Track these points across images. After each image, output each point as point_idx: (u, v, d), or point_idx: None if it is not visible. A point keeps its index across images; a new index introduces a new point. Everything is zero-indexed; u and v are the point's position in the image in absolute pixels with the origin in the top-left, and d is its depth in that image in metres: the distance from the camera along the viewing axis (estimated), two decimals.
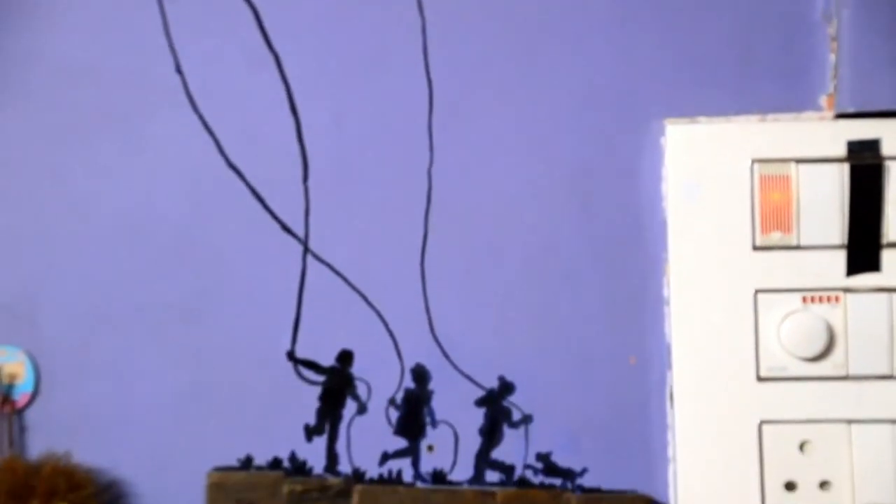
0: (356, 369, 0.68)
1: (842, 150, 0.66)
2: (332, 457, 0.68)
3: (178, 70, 0.69)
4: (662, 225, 0.68)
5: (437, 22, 0.69)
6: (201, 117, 0.69)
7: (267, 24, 0.69)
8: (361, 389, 0.68)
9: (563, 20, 0.68)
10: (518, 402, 0.68)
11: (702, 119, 0.68)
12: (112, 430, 0.68)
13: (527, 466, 0.68)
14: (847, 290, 0.66)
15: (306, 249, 0.69)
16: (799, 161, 0.66)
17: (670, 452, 0.67)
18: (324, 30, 0.69)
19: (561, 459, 0.68)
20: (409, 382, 0.68)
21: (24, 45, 0.69)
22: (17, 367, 0.68)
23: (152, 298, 0.69)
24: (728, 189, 0.67)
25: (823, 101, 0.67)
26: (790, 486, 0.66)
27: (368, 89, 0.69)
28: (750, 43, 0.68)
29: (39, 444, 0.68)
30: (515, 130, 0.68)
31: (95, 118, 0.69)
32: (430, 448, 0.68)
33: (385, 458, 0.68)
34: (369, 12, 0.69)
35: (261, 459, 0.68)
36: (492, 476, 0.68)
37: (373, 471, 0.68)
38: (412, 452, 0.68)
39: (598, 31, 0.68)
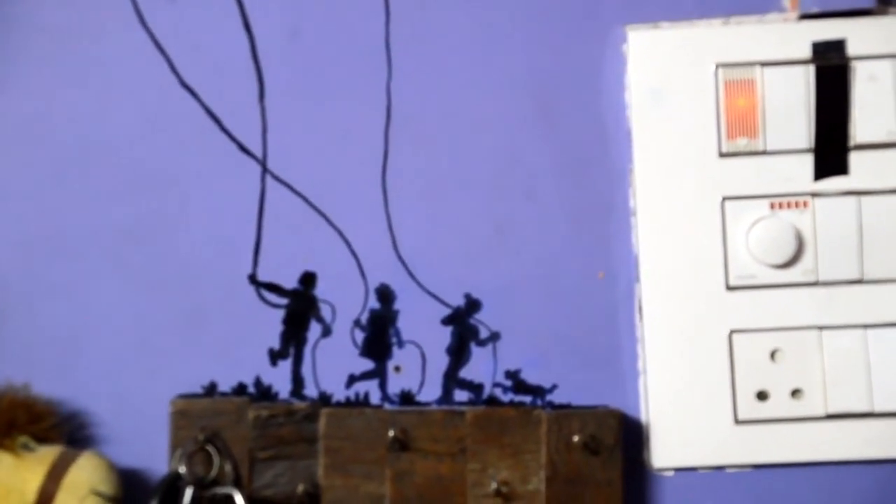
0: (320, 291, 0.67)
1: (807, 52, 0.65)
2: (297, 381, 0.67)
3: None
4: (627, 134, 0.66)
5: None
6: (152, 35, 0.67)
7: None
8: (326, 311, 0.67)
9: None
10: (485, 320, 0.67)
11: (664, 24, 0.66)
12: (71, 360, 0.67)
13: (496, 385, 0.67)
14: (815, 194, 0.65)
15: (265, 170, 0.67)
16: (764, 64, 0.65)
17: (640, 365, 0.66)
18: None
19: (530, 376, 0.66)
20: (373, 303, 0.67)
21: None
22: None
23: (107, 223, 0.67)
24: (692, 95, 0.66)
25: (787, 1, 0.66)
26: (762, 396, 0.65)
27: (323, 3, 0.67)
28: None
29: None
30: (473, 42, 0.67)
31: (41, 38, 0.67)
32: (398, 369, 0.67)
33: (352, 380, 0.67)
34: None
35: (225, 386, 0.67)
36: (461, 395, 0.67)
37: (339, 394, 0.67)
38: (379, 374, 0.67)
39: None
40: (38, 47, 0.67)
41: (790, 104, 0.65)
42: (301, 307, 0.67)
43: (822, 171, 0.65)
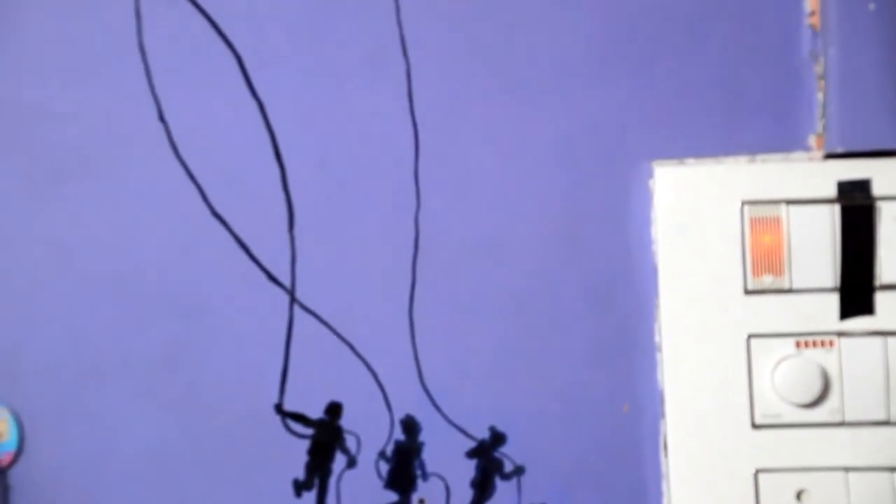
0: (345, 421, 0.67)
1: (832, 191, 0.66)
2: None
3: (161, 118, 0.68)
4: (653, 269, 0.67)
5: (422, 66, 0.68)
6: (185, 165, 0.68)
7: (251, 71, 0.68)
8: (351, 442, 0.67)
9: (549, 62, 0.67)
10: (510, 453, 0.67)
11: (690, 161, 0.67)
12: (97, 487, 0.67)
13: None
14: (841, 333, 0.65)
15: (293, 299, 0.68)
16: (789, 202, 0.66)
17: (665, 502, 0.66)
18: (307, 76, 0.68)
19: None
20: (398, 434, 0.67)
21: (2, 91, 0.69)
22: (0, 424, 0.67)
23: (136, 350, 0.68)
24: (718, 232, 0.66)
25: (812, 140, 0.67)
26: None
27: (353, 135, 0.68)
28: (737, 83, 0.67)
29: (24, 502, 0.67)
30: (502, 175, 0.68)
31: (77, 166, 0.68)
32: (422, 502, 0.67)
33: None
34: (353, 58, 0.68)
35: None
36: None
37: None
38: None
39: (584, 73, 0.67)
40: (70, 174, 0.68)
41: (816, 242, 0.65)
42: (326, 438, 0.67)
43: (848, 311, 0.65)
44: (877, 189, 0.65)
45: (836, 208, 0.65)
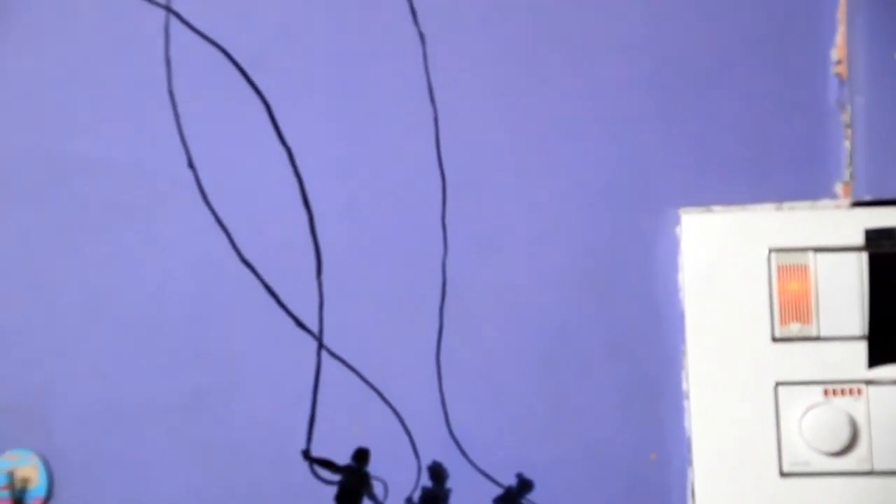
0: (372, 468, 0.67)
1: (860, 239, 0.66)
2: None
3: (191, 164, 0.69)
4: (680, 316, 0.67)
5: (449, 112, 0.68)
6: (213, 212, 0.69)
7: (279, 118, 0.69)
8: (378, 489, 0.67)
9: (576, 109, 0.68)
10: (537, 500, 0.67)
11: (717, 208, 0.67)
12: None
13: None
14: (869, 382, 0.65)
15: (320, 345, 0.68)
16: (816, 250, 0.66)
17: None
18: (335, 122, 0.69)
19: None
20: (426, 481, 0.67)
21: (35, 140, 0.69)
22: (29, 470, 0.67)
23: (165, 396, 0.68)
24: (745, 279, 0.66)
25: (839, 188, 0.67)
26: None
27: (381, 181, 0.68)
28: (764, 130, 0.67)
29: None
30: (529, 221, 0.68)
31: (107, 212, 0.69)
32: None
33: None
34: (381, 105, 0.68)
35: None
36: None
37: None
38: None
39: (610, 120, 0.68)
40: (100, 221, 0.69)
41: (843, 290, 0.65)
42: (354, 484, 0.67)
43: (876, 359, 0.65)
44: None
45: (864, 256, 0.65)
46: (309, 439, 0.67)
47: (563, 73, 0.68)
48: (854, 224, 0.66)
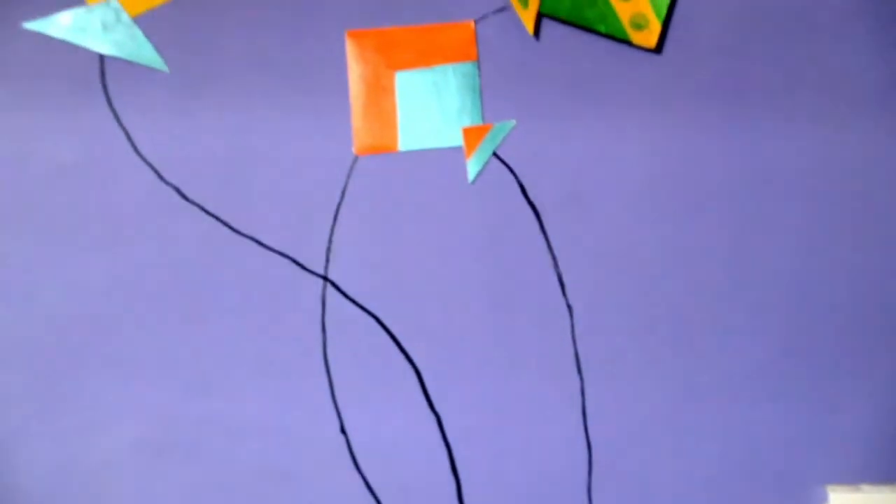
0: None
1: None
2: None
3: (343, 431, 0.70)
4: None
5: (596, 384, 0.70)
6: (364, 478, 0.70)
7: (429, 386, 0.70)
8: None
9: (722, 377, 0.69)
10: None
11: (866, 487, 0.68)
12: None
13: None
14: None
15: None
16: None
17: None
18: (483, 389, 0.70)
19: None
20: None
21: (196, 403, 0.70)
22: None
23: None
24: None
25: None
26: None
27: (528, 449, 0.70)
28: None
29: None
30: (675, 495, 0.68)
31: (258, 480, 0.70)
32: None
33: None
34: (529, 372, 0.70)
35: None
36: None
37: None
38: None
39: (757, 388, 0.69)
40: (251, 487, 0.70)
41: None
42: None
43: None
44: None
45: None
46: None
47: (708, 344, 0.69)
48: None
